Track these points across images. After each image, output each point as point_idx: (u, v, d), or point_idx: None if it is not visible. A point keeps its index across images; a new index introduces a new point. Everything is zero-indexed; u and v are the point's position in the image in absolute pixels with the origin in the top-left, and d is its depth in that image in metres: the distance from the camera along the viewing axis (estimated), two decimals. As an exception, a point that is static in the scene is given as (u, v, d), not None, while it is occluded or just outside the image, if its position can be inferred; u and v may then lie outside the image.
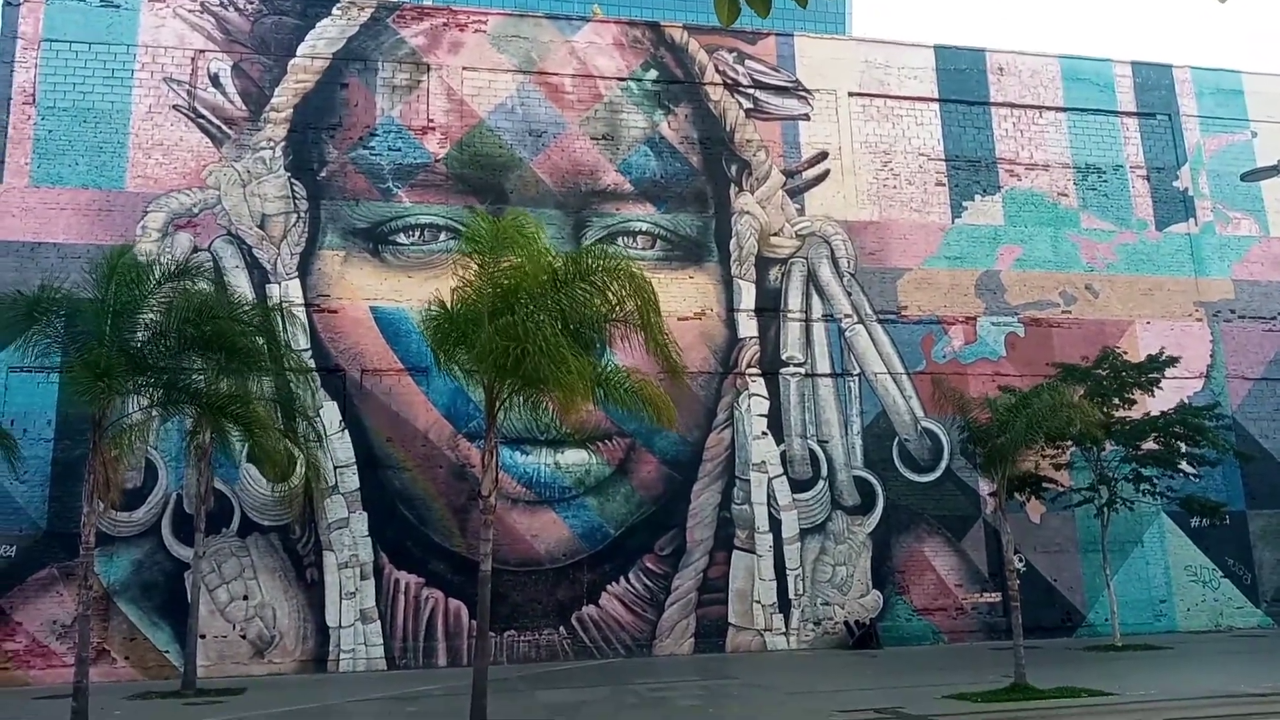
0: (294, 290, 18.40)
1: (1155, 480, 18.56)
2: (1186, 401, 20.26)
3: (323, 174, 19.13)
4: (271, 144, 18.96)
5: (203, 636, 15.89)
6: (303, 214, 18.82)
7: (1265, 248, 23.15)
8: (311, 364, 17.80)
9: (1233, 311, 22.65)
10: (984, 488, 19.92)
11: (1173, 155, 23.42)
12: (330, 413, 17.94)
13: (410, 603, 17.65)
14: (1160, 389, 19.04)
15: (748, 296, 20.35)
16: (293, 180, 18.91)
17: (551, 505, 18.59)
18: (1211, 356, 22.23)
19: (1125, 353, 19.92)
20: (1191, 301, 22.52)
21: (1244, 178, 17.37)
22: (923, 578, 19.72)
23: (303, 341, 18.03)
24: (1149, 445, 18.63)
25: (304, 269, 18.61)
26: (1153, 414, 18.79)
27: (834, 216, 21.16)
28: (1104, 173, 22.94)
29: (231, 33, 19.30)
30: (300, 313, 18.19)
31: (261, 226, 18.62)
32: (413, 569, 17.76)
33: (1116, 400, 18.29)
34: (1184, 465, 18.65)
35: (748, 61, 21.60)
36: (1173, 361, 19.02)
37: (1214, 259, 22.93)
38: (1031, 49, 23.92)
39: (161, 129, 18.63)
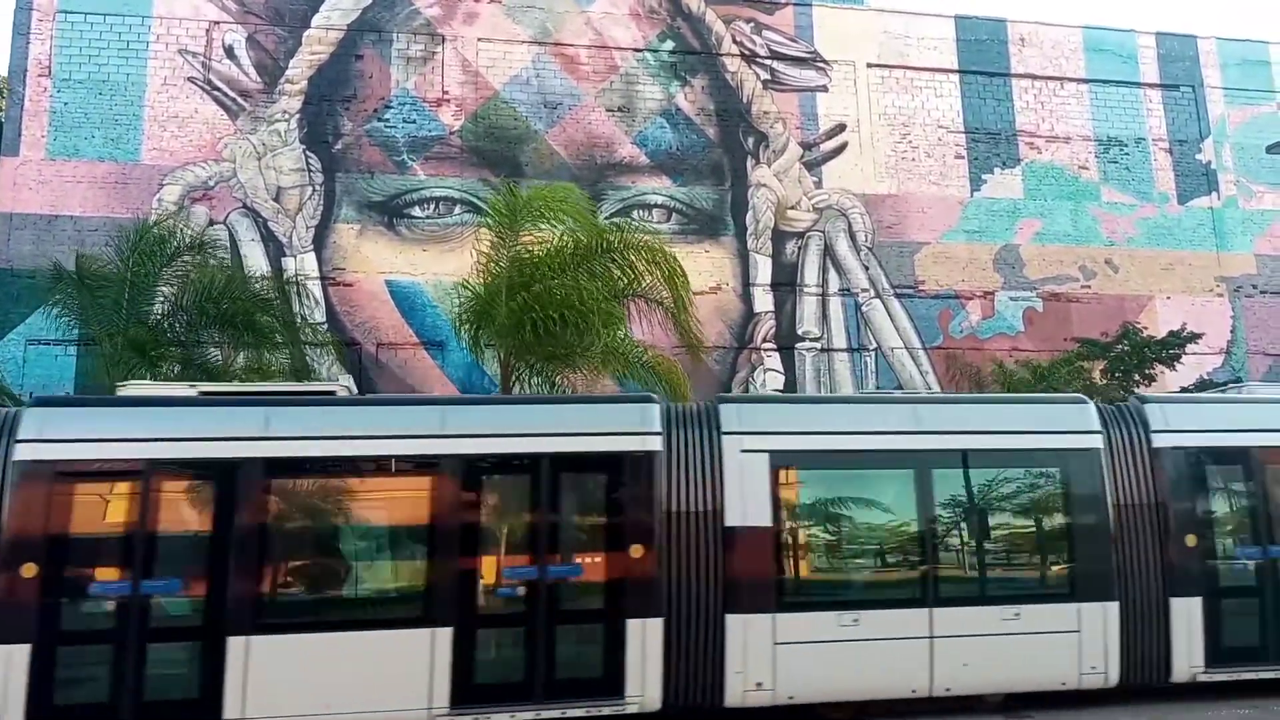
0: (309, 264, 18.38)
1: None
2: (1206, 377, 20.05)
3: (338, 146, 19.05)
4: (286, 116, 18.88)
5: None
6: (318, 187, 18.77)
7: (1289, 222, 22.84)
8: (328, 338, 17.81)
9: (1254, 286, 22.38)
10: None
11: (1196, 128, 23.07)
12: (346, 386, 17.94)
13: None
14: (1181, 364, 18.85)
15: (764, 271, 20.22)
16: (308, 153, 18.84)
17: (567, 479, 18.57)
18: (1232, 332, 22.00)
19: (1145, 328, 19.73)
20: (1213, 276, 22.25)
21: (1270, 150, 17.14)
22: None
23: (318, 315, 18.03)
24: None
25: (319, 242, 18.58)
26: (1173, 390, 18.61)
27: (851, 190, 20.96)
28: (1125, 145, 22.63)
29: (246, 4, 19.17)
30: (315, 286, 18.18)
31: (277, 199, 18.57)
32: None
33: (1137, 376, 18.12)
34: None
35: (765, 32, 21.34)
36: (1195, 337, 18.82)
37: (1236, 233, 22.63)
38: (1054, 19, 23.60)
39: (177, 101, 18.56)
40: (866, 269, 20.64)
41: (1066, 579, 10.42)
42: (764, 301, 20.09)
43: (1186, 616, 10.34)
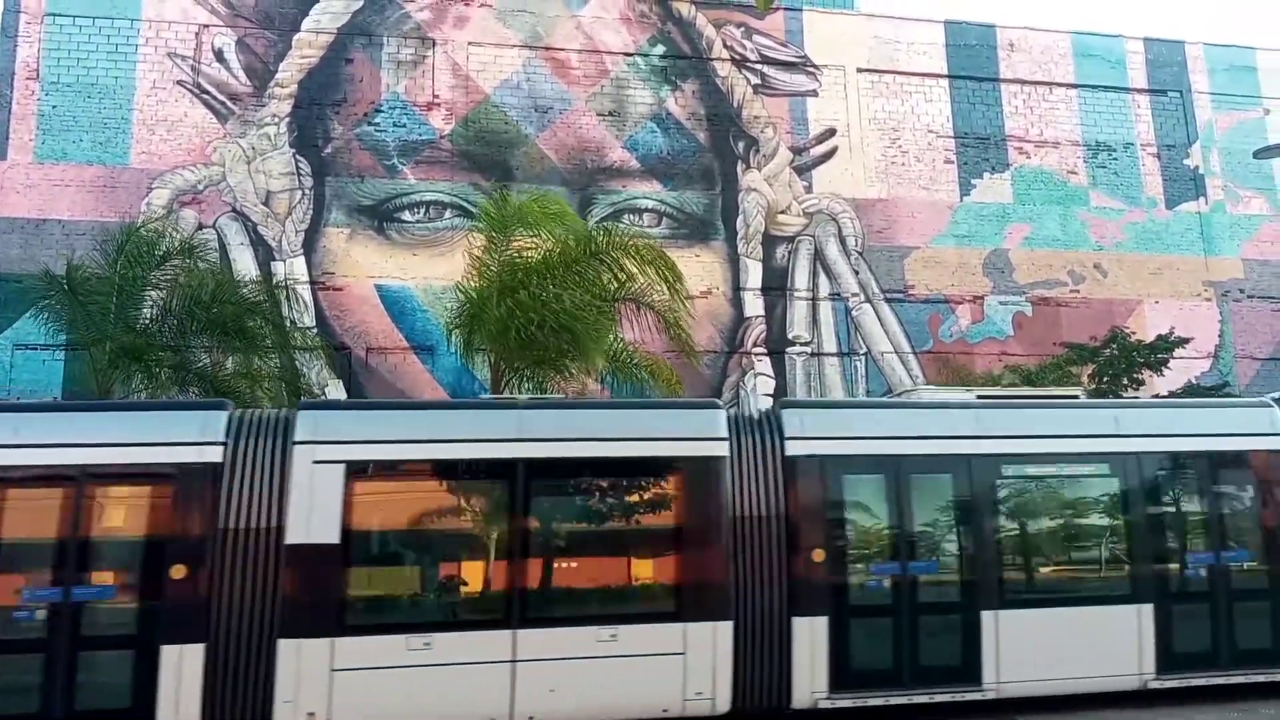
0: (299, 268, 18.34)
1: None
2: (1194, 381, 20.13)
3: (327, 150, 19.01)
4: (276, 120, 18.84)
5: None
6: (307, 191, 18.73)
7: (1276, 227, 22.94)
8: (317, 342, 17.76)
9: (1241, 291, 22.50)
10: (990, 467, 19.81)
11: (1184, 133, 23.20)
12: (336, 391, 17.89)
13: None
14: (1169, 369, 18.92)
15: (754, 275, 20.25)
16: (297, 157, 18.81)
17: (558, 484, 18.54)
18: (1220, 336, 22.12)
19: (1134, 332, 19.81)
20: (1200, 281, 22.37)
21: (1257, 155, 17.25)
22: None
23: (308, 320, 17.98)
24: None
25: (309, 246, 18.54)
26: (1161, 394, 18.70)
27: (841, 194, 21.01)
28: (1114, 150, 22.74)
29: (235, 7, 19.13)
30: (305, 290, 18.13)
31: (266, 203, 18.53)
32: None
33: (1125, 380, 18.19)
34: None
35: (755, 37, 21.39)
36: (1183, 342, 18.90)
37: (1224, 238, 22.75)
38: (1043, 24, 23.73)
39: (166, 105, 18.51)
40: (857, 273, 20.69)
41: (672, 597, 9.59)
42: (754, 306, 20.12)
43: (809, 637, 9.54)
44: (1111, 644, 10.12)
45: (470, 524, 9.80)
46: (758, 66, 21.26)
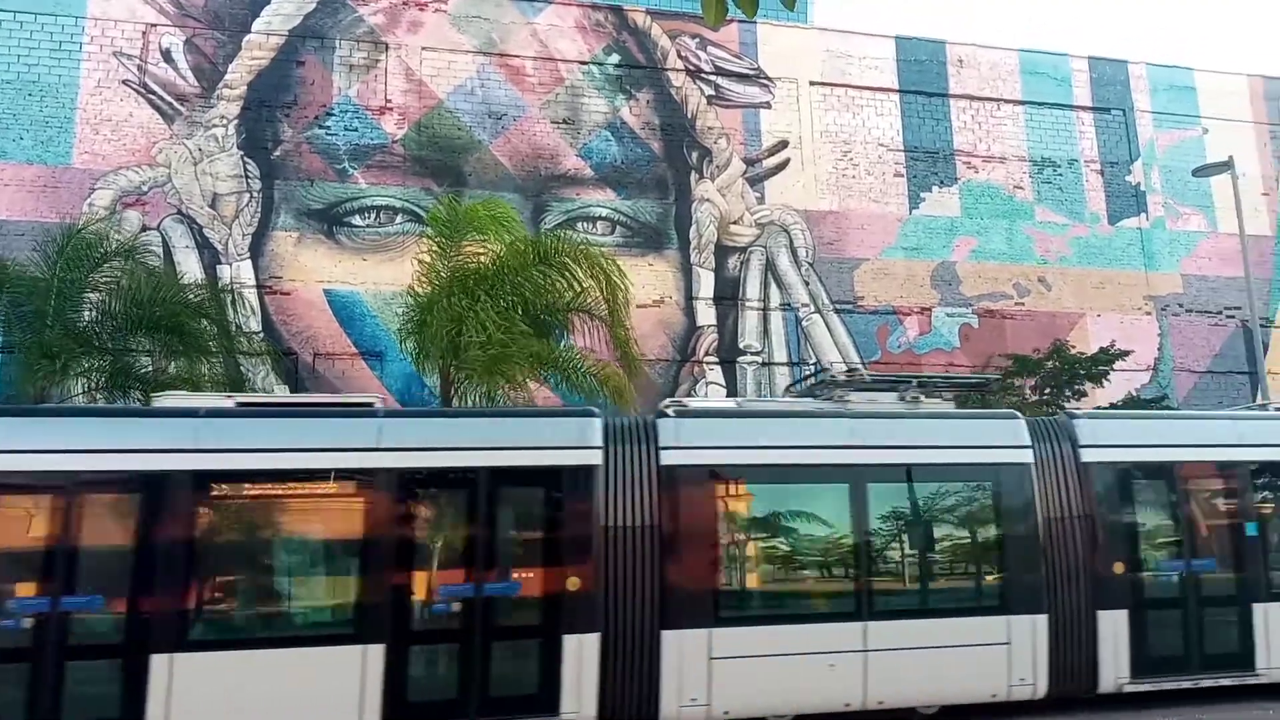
0: (245, 271, 18.10)
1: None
2: (1134, 394, 20.61)
3: (277, 153, 18.80)
4: (224, 121, 18.59)
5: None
6: (255, 194, 18.50)
7: (1214, 243, 23.56)
8: (263, 347, 17.53)
9: (1180, 305, 23.06)
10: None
11: (1126, 150, 23.74)
12: (282, 397, 17.69)
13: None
14: (1109, 381, 19.34)
15: (707, 284, 20.36)
16: (246, 159, 18.57)
17: (507, 491, 18.47)
18: (1159, 350, 22.63)
19: (1074, 346, 20.21)
20: (1141, 295, 22.89)
21: (1196, 173, 17.67)
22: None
23: (254, 324, 17.74)
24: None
25: (256, 250, 18.30)
26: (1102, 406, 19.09)
27: (793, 206, 21.21)
28: (1059, 166, 23.21)
29: (184, 7, 18.86)
30: (251, 294, 17.89)
31: (213, 206, 18.27)
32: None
33: (1068, 392, 18.55)
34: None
35: (710, 48, 21.53)
36: (1123, 354, 19.33)
37: (1164, 253, 23.31)
38: (992, 42, 24.16)
39: (110, 104, 18.18)
40: (807, 284, 20.88)
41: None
42: (706, 315, 20.22)
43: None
44: None
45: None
46: (712, 78, 21.41)
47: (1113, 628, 10.75)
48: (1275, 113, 24.84)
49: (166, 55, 18.61)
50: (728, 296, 20.43)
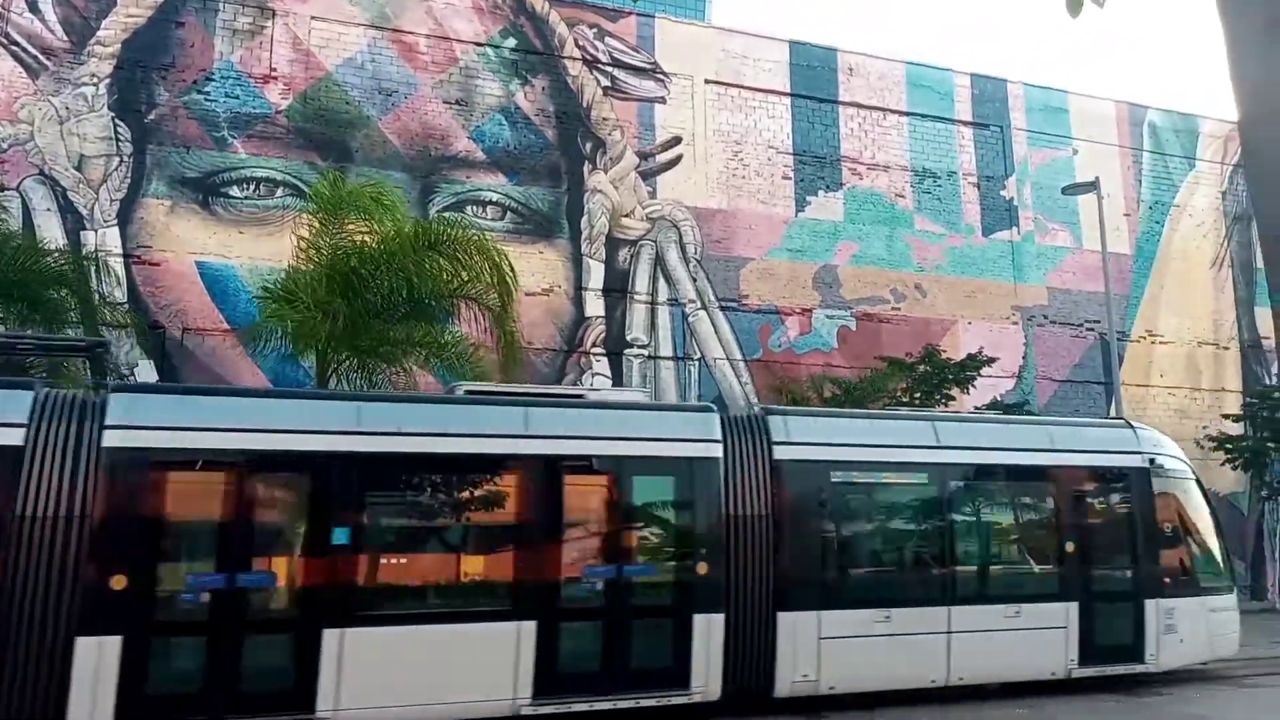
0: (112, 238, 17.22)
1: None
2: (999, 399, 21.52)
3: (151, 116, 17.93)
4: (95, 80, 17.64)
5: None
6: (126, 158, 17.61)
7: (1078, 259, 24.79)
8: (128, 319, 16.72)
9: (1045, 317, 24.21)
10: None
11: (1002, 165, 24.76)
12: (146, 372, 16.91)
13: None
14: (975, 386, 20.16)
15: (597, 276, 20.37)
16: (117, 121, 17.66)
17: (383, 477, 18.13)
18: (1024, 358, 23.73)
19: (945, 351, 20.98)
20: (1010, 305, 23.94)
21: (1064, 191, 18.52)
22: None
23: (119, 294, 16.90)
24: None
25: (124, 217, 17.43)
26: (976, 408, 19.88)
27: (684, 202, 21.39)
28: (939, 178, 24.04)
29: (53, -45, 17.79)
30: (118, 264, 17.02)
31: (79, 168, 17.32)
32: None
33: (937, 395, 19.26)
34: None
35: (607, 39, 21.51)
36: (989, 361, 20.17)
37: (1032, 266, 24.42)
38: (881, 52, 24.83)
39: (-33, 53, 17.02)
40: (694, 280, 21.10)
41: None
42: (595, 306, 20.23)
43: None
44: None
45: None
46: (608, 69, 21.39)
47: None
48: (1139, 138, 26.28)
49: (32, 5, 17.52)
50: (617, 289, 20.48)
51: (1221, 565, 13.37)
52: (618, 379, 20.04)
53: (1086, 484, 12.75)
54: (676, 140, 21.62)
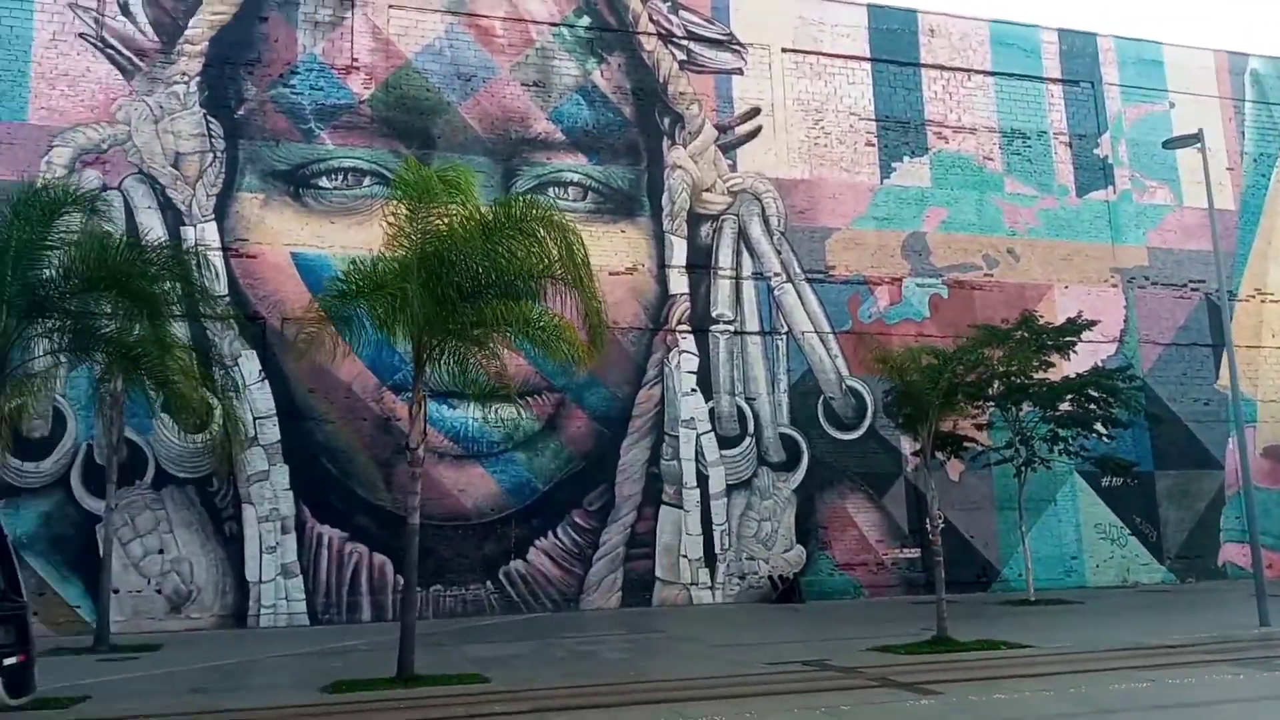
0: (210, 233, 17.63)
1: (1070, 440, 19.09)
2: (1100, 365, 20.82)
3: (240, 112, 18.29)
4: (185, 78, 18.04)
5: (116, 591, 15.29)
6: (219, 153, 18.00)
7: (1179, 217, 23.83)
8: (229, 311, 17.13)
9: (1146, 278, 23.34)
10: (906, 446, 20.29)
11: (1094, 123, 23.89)
12: (250, 362, 17.34)
13: (334, 557, 17.29)
14: (1075, 352, 19.51)
15: (679, 252, 20.22)
16: (208, 117, 18.04)
17: (479, 460, 18.34)
18: (1125, 321, 22.92)
19: (1043, 316, 20.33)
20: (1108, 267, 23.13)
21: (1165, 145, 17.73)
22: (845, 534, 20.08)
23: (220, 287, 17.31)
24: (1064, 406, 19.12)
25: (221, 211, 17.84)
26: (1069, 377, 19.28)
27: (765, 174, 21.09)
28: (1028, 138, 23.30)
29: (142, -42, 18.19)
30: (217, 257, 17.42)
31: (175, 165, 17.75)
32: (336, 523, 17.38)
33: (1035, 362, 18.70)
34: (1098, 426, 19.19)
35: (681, 12, 21.26)
36: (1090, 325, 19.51)
37: (1130, 226, 23.55)
38: (963, 11, 24.11)
39: (67, 58, 17.53)
40: (779, 253, 20.82)
41: None
42: (679, 283, 20.09)
43: None
44: None
45: None
46: (684, 42, 21.15)
47: None
48: (1240, 88, 25.12)
49: (124, 8, 17.97)
50: (700, 265, 20.32)
51: None
52: (704, 355, 19.90)
53: None
54: (756, 111, 21.31)
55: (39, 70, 17.36)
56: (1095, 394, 18.96)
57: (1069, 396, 18.95)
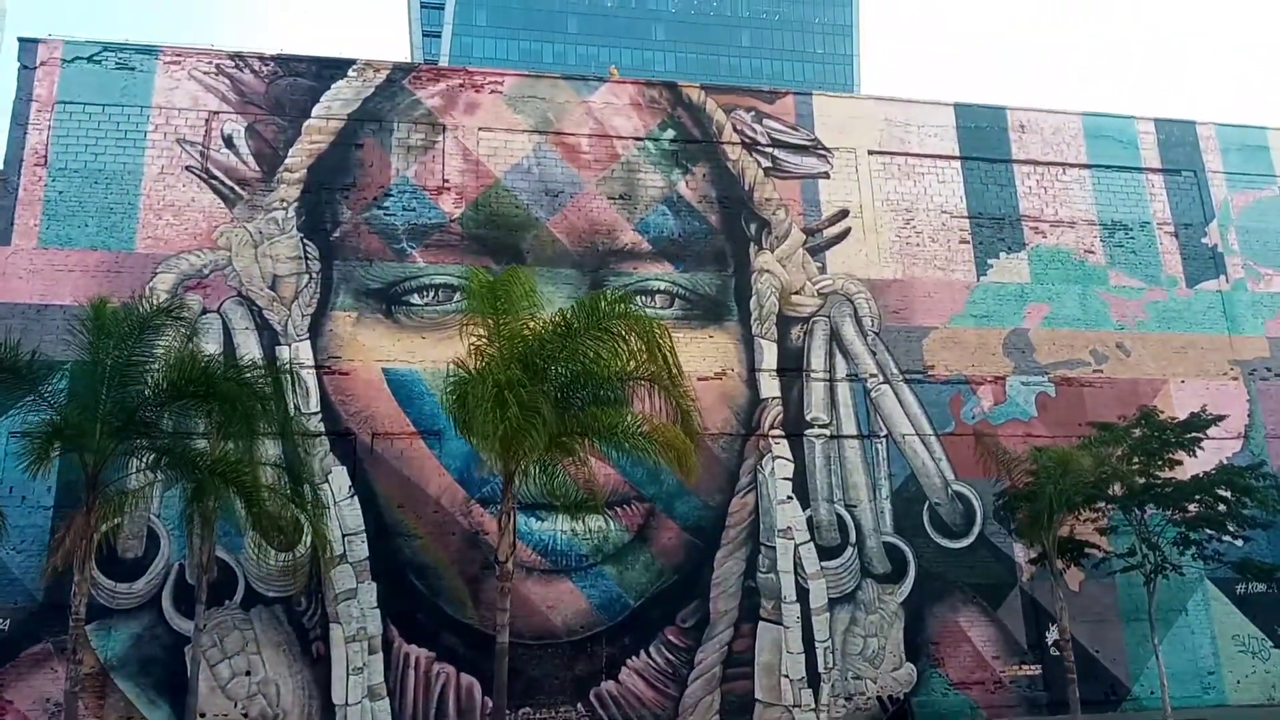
0: (304, 352, 17.93)
1: (1204, 544, 17.62)
2: (1226, 462, 19.37)
3: (336, 234, 18.80)
4: (284, 204, 18.69)
5: (203, 715, 15.07)
6: (315, 275, 18.45)
7: (1300, 303, 22.46)
8: (321, 427, 17.25)
9: (1269, 369, 21.93)
10: (1020, 554, 19.07)
11: (1200, 211, 22.96)
12: (339, 478, 17.32)
13: (420, 678, 16.79)
14: (1202, 448, 18.20)
15: (769, 356, 19.78)
16: (305, 240, 18.59)
17: (568, 574, 17.81)
18: (1249, 415, 21.46)
19: (1162, 412, 19.14)
20: (1226, 360, 21.82)
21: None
22: (958, 649, 18.76)
23: (312, 404, 17.49)
24: (1192, 508, 17.74)
25: (315, 330, 18.17)
26: (1197, 475, 17.91)
27: (856, 274, 20.68)
28: (1130, 229, 22.46)
29: (246, 94, 19.16)
30: (310, 375, 17.67)
31: (273, 287, 18.24)
32: (423, 642, 16.95)
33: (1160, 461, 17.50)
34: (1230, 527, 17.71)
35: (765, 120, 21.35)
36: (1217, 420, 18.25)
37: (1247, 316, 22.29)
38: (1053, 106, 23.67)
39: (173, 190, 18.38)
40: (874, 354, 20.20)
41: None
42: (770, 387, 19.59)
43: None
44: None
45: None
46: (768, 150, 21.17)
47: None
48: (1355, 168, 23.90)
49: (228, 141, 18.85)
50: (791, 368, 19.81)
51: None
52: (799, 460, 19.20)
53: None
54: (844, 213, 21.05)
55: (147, 202, 18.21)
56: (1226, 493, 17.55)
57: (1197, 496, 17.59)
